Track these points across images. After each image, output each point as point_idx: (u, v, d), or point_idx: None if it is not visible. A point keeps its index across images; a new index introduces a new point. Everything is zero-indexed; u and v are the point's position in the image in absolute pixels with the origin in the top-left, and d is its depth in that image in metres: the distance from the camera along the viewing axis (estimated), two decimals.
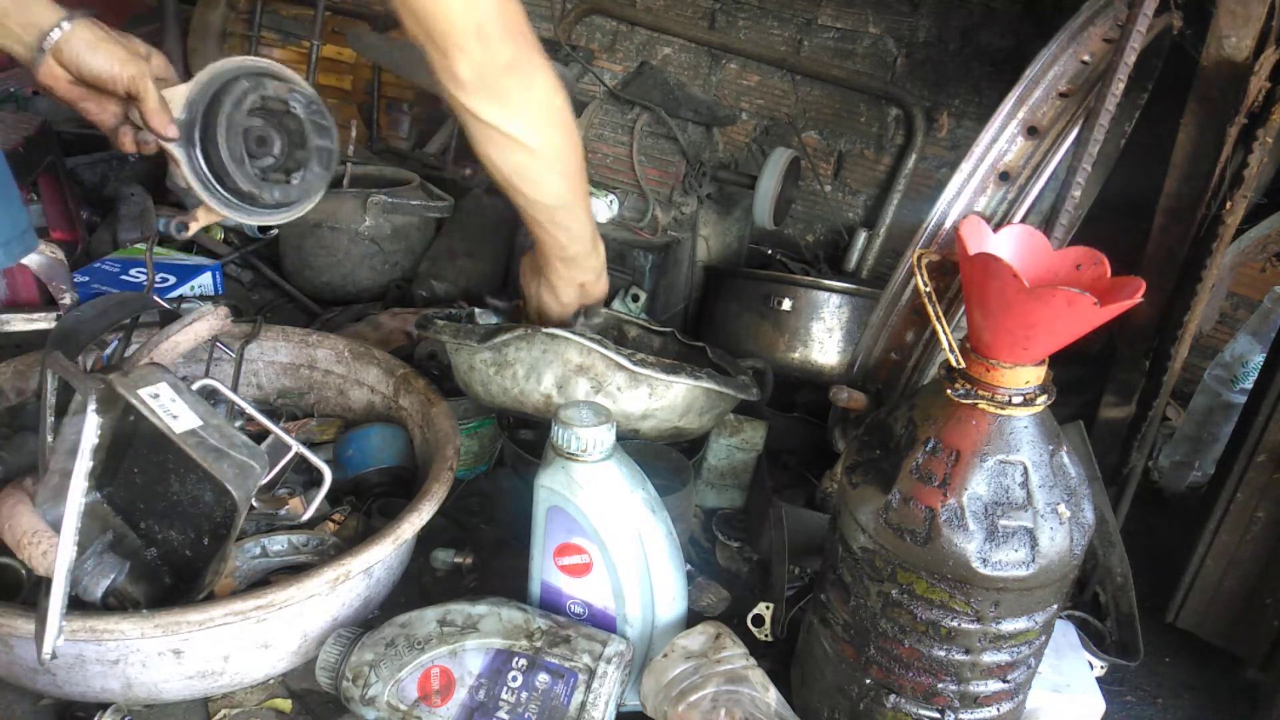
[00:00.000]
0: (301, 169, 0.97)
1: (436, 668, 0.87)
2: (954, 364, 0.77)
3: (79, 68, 0.83)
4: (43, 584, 0.81)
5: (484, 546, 1.15)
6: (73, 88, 0.85)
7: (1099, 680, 0.97)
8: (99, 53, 0.83)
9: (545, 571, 0.95)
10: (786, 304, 1.37)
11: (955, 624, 0.78)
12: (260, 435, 1.05)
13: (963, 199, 0.98)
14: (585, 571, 0.92)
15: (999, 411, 0.75)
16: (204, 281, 1.60)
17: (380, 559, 0.91)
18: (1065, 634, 1.00)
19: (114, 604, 0.88)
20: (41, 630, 0.77)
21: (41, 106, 2.08)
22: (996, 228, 0.80)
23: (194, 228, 0.96)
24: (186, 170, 0.93)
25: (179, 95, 0.90)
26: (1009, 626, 0.78)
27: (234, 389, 1.09)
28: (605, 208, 1.46)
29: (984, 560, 0.75)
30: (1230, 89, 0.93)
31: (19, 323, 1.23)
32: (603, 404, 0.96)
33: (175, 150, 0.91)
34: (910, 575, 0.78)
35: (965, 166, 0.98)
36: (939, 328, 0.78)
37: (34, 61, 0.83)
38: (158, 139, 0.89)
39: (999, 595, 0.76)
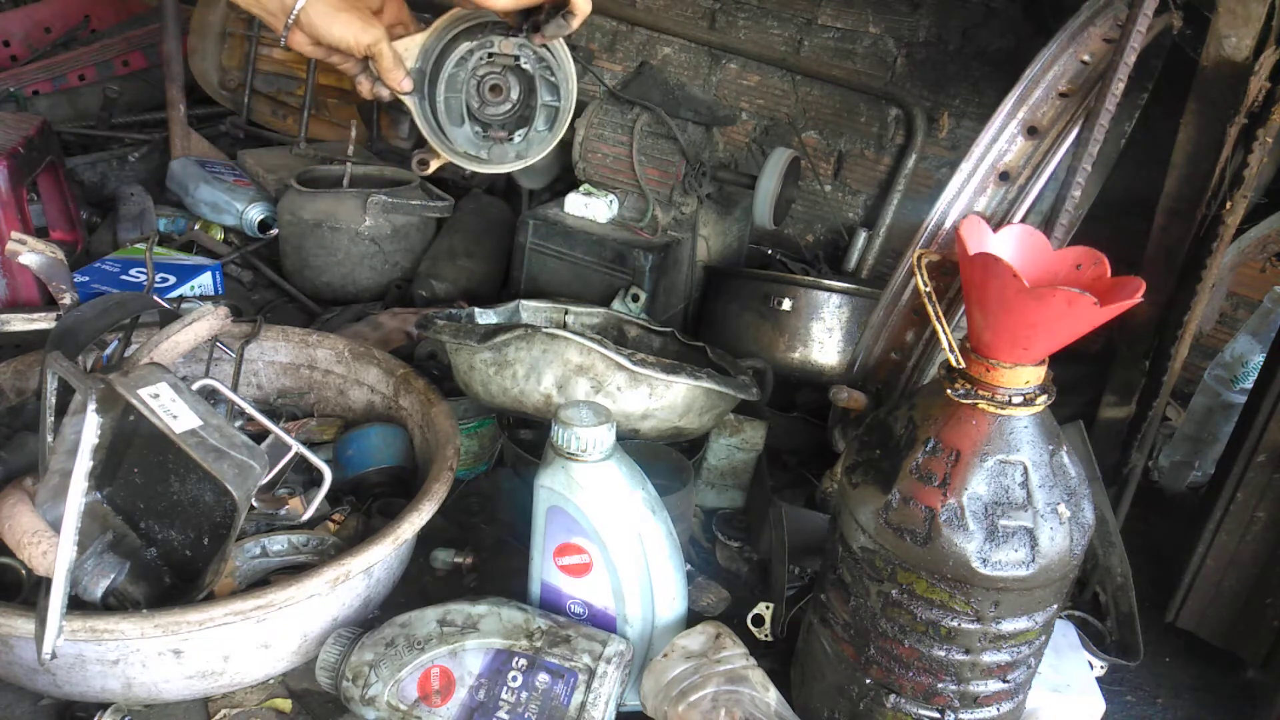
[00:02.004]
0: (527, 126, 0.97)
1: (436, 668, 0.87)
2: (954, 364, 0.77)
3: (320, 37, 0.90)
4: (43, 584, 0.81)
5: (484, 546, 1.15)
6: (317, 48, 0.92)
7: (1099, 680, 0.97)
8: (336, 23, 0.89)
9: (545, 571, 0.95)
10: (786, 304, 1.37)
11: (955, 624, 0.78)
12: (260, 435, 1.05)
13: (963, 199, 0.98)
14: (585, 571, 0.92)
15: (999, 411, 0.75)
16: (204, 281, 1.60)
17: (380, 559, 0.91)
18: (1065, 634, 1.00)
19: (114, 604, 0.88)
20: (41, 630, 0.77)
21: (41, 107, 2.09)
22: (996, 228, 0.80)
23: (434, 165, 1.00)
24: (419, 118, 0.96)
25: (415, 45, 0.93)
26: (1009, 626, 0.78)
27: (234, 389, 1.09)
28: (605, 208, 1.46)
29: (984, 560, 0.75)
30: (1230, 89, 0.93)
31: (19, 323, 1.23)
32: (603, 404, 0.96)
33: (408, 100, 0.95)
34: (910, 575, 0.78)
35: (965, 166, 0.98)
36: (939, 328, 0.78)
37: (283, 32, 0.90)
38: (393, 92, 0.94)
39: (999, 595, 0.76)
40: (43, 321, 1.21)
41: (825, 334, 1.38)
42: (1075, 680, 0.95)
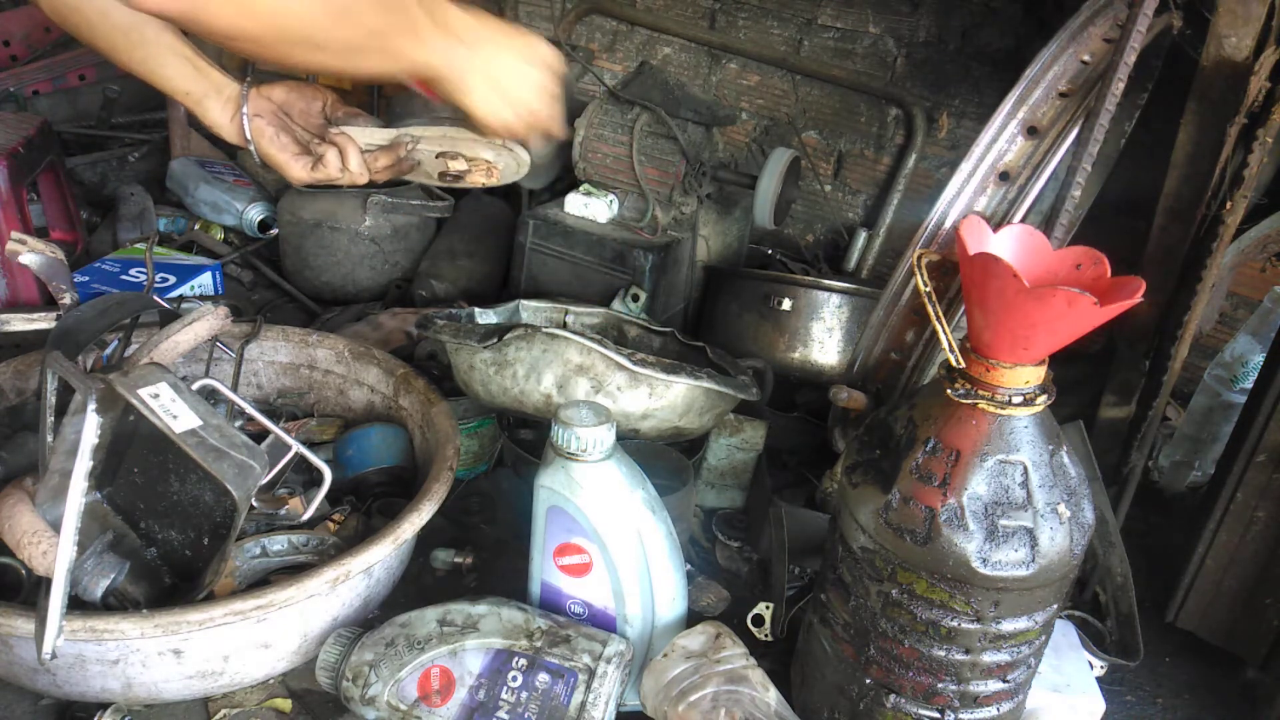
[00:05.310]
0: None
1: (436, 668, 0.87)
2: (954, 364, 0.77)
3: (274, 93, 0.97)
4: (43, 584, 0.81)
5: (484, 546, 1.15)
6: (276, 114, 0.96)
7: (1099, 680, 0.97)
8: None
9: (545, 571, 0.95)
10: (786, 304, 1.37)
11: (955, 624, 0.78)
12: (260, 435, 1.04)
13: (963, 199, 0.98)
14: (585, 571, 0.92)
15: (999, 411, 0.75)
16: (204, 281, 1.60)
17: (380, 559, 0.91)
18: (1065, 634, 1.00)
19: (114, 604, 0.88)
20: (41, 630, 0.77)
21: (41, 107, 2.09)
22: (996, 228, 0.80)
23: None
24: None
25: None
26: (1009, 626, 0.78)
27: (234, 389, 1.09)
28: (605, 208, 1.46)
29: (984, 560, 0.75)
30: (1230, 89, 0.92)
31: (19, 323, 1.23)
32: (603, 404, 0.96)
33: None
34: (910, 575, 0.78)
35: (965, 166, 0.98)
36: (939, 328, 0.78)
37: (242, 98, 0.95)
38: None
39: (999, 595, 0.76)
40: (43, 321, 1.21)
41: (825, 334, 1.37)
42: (1075, 680, 0.95)
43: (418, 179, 1.06)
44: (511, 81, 0.89)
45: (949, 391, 0.76)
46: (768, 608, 1.05)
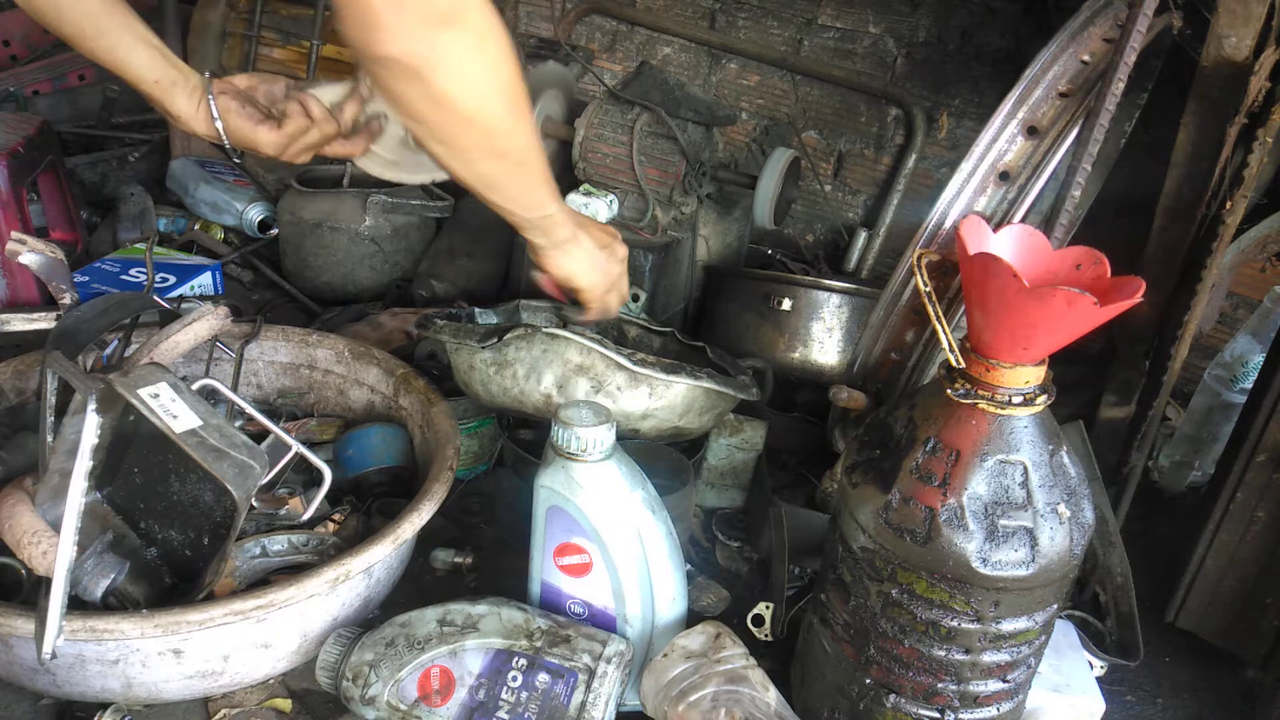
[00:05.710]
0: None
1: (436, 667, 0.87)
2: (954, 364, 0.77)
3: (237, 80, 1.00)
4: (43, 584, 0.81)
5: (484, 546, 1.15)
6: (241, 93, 0.99)
7: (1099, 680, 0.97)
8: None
9: (545, 571, 0.95)
10: (786, 304, 1.37)
11: (955, 624, 0.78)
12: (260, 435, 1.05)
13: (963, 199, 0.98)
14: (585, 571, 0.92)
15: (999, 411, 0.75)
16: (204, 281, 1.60)
17: (380, 559, 0.91)
18: (1065, 634, 1.00)
19: (114, 604, 0.88)
20: (41, 630, 0.77)
21: (41, 107, 2.09)
22: (996, 228, 0.80)
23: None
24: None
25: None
26: (1009, 626, 0.78)
27: (234, 389, 1.09)
28: (605, 208, 1.46)
29: (984, 560, 0.75)
30: (1230, 89, 0.93)
31: (19, 323, 1.23)
32: (603, 404, 0.96)
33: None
34: (910, 575, 0.78)
35: (965, 166, 0.98)
36: (939, 328, 0.78)
37: (207, 84, 0.98)
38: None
39: (999, 595, 0.76)
40: (43, 321, 1.21)
41: (825, 334, 1.37)
42: (1075, 680, 0.95)
43: (388, 168, 1.08)
44: (603, 255, 1.05)
45: (949, 391, 0.76)
46: (768, 608, 1.05)
